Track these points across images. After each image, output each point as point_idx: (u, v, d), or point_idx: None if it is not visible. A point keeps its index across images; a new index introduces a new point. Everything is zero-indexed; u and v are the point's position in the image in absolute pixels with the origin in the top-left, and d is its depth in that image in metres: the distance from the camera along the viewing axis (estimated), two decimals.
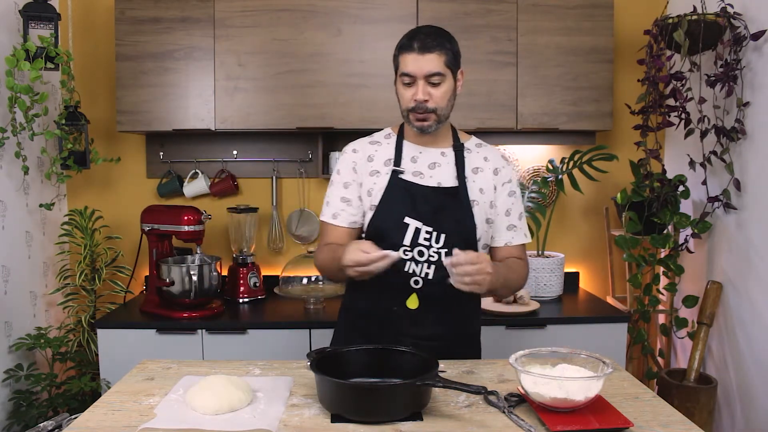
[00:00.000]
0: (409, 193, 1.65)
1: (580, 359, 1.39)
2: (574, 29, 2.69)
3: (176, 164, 2.98)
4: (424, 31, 1.62)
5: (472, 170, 1.70)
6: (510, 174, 1.74)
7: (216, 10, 2.62)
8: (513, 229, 1.73)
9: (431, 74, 1.58)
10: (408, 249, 1.63)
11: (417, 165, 1.69)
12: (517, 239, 1.74)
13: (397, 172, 1.67)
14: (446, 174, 1.69)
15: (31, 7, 2.49)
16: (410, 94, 1.61)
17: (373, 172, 1.70)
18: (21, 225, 2.59)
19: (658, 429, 1.24)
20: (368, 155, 1.73)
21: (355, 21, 2.64)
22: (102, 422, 1.28)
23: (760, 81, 2.35)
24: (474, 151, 1.74)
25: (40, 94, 2.45)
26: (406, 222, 1.63)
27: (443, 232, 1.63)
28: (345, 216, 1.72)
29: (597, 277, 3.12)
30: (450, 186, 1.67)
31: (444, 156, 1.71)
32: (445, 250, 1.63)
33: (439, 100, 1.62)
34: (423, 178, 1.68)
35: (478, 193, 1.68)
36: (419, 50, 1.58)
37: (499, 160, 1.74)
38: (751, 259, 2.41)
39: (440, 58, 1.59)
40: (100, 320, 2.48)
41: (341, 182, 1.73)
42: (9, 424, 2.40)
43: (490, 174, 1.71)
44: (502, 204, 1.72)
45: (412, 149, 1.72)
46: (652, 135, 2.69)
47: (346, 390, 1.29)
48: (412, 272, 1.64)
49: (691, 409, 2.44)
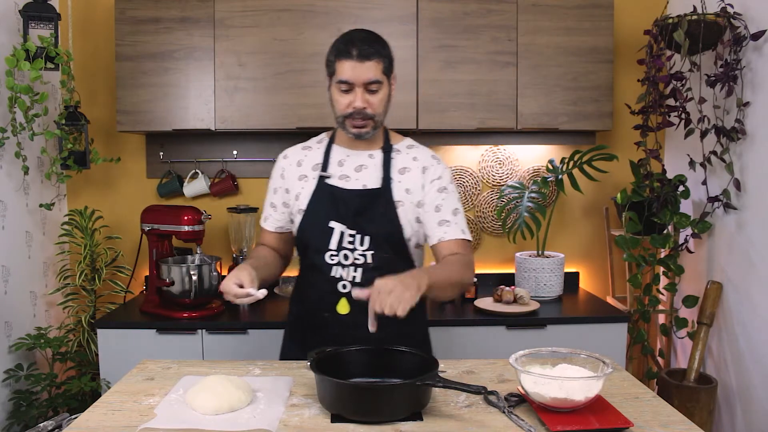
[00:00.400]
0: (333, 197, 1.66)
1: (580, 359, 1.39)
2: (574, 29, 2.69)
3: (176, 164, 2.98)
4: (360, 37, 1.60)
5: (398, 171, 1.69)
6: (440, 171, 1.71)
7: (216, 10, 2.62)
8: (445, 224, 1.67)
9: (370, 82, 1.58)
10: (334, 253, 1.64)
11: (344, 168, 1.70)
12: (451, 234, 1.66)
13: (323, 176, 1.69)
14: (372, 176, 1.68)
15: (31, 7, 2.49)
16: (347, 101, 1.61)
17: (302, 177, 1.72)
18: (21, 225, 2.59)
19: (658, 429, 1.24)
20: (298, 160, 1.75)
21: (355, 21, 2.64)
22: (102, 422, 1.28)
23: (760, 81, 2.35)
24: (403, 152, 1.73)
25: (40, 94, 2.45)
26: (330, 226, 1.64)
27: (367, 234, 1.63)
28: (272, 221, 1.79)
29: (597, 277, 3.12)
30: (373, 188, 1.66)
31: (372, 158, 1.71)
32: (371, 251, 1.63)
33: (377, 106, 1.62)
34: (349, 182, 1.68)
35: (404, 194, 1.67)
36: (358, 58, 1.56)
37: (428, 160, 1.72)
38: (751, 259, 2.41)
39: (378, 66, 1.59)
40: (100, 320, 2.47)
41: (271, 188, 1.79)
42: (9, 424, 2.40)
43: (418, 173, 1.69)
44: (431, 201, 1.68)
45: (340, 153, 1.72)
46: (652, 135, 2.70)
47: (346, 390, 1.29)
48: (339, 276, 1.64)
49: (691, 409, 2.44)
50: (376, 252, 1.64)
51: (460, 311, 2.62)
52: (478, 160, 3.05)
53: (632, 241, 2.67)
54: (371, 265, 1.64)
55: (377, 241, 1.64)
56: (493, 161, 3.05)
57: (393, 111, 2.66)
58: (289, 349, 1.81)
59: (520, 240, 2.93)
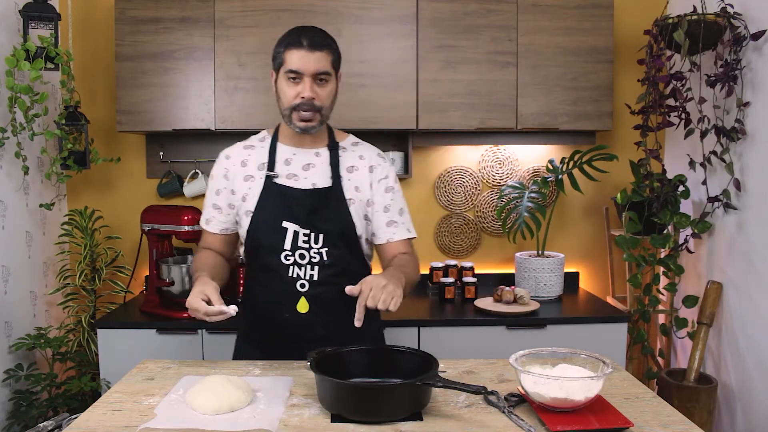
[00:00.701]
0: (284, 197, 1.65)
1: (580, 359, 1.39)
2: (574, 29, 2.69)
3: (176, 164, 2.98)
4: (310, 29, 1.61)
5: (347, 169, 1.69)
6: (386, 171, 1.73)
7: (216, 10, 2.62)
8: (393, 225, 1.70)
9: (319, 72, 1.58)
10: (289, 253, 1.64)
11: (291, 167, 1.68)
12: (399, 234, 1.71)
13: (270, 176, 1.67)
14: (321, 174, 1.68)
15: (31, 7, 2.49)
16: (295, 91, 1.59)
17: (248, 177, 1.69)
18: (21, 225, 2.59)
19: (658, 429, 1.24)
20: (242, 160, 1.72)
21: (355, 21, 2.64)
22: (102, 422, 1.28)
23: (760, 81, 2.35)
24: (349, 150, 1.73)
25: (40, 94, 2.45)
26: (284, 226, 1.63)
27: (321, 233, 1.63)
28: (216, 223, 1.75)
29: (597, 277, 3.12)
30: (324, 186, 1.66)
31: (318, 156, 1.70)
32: (325, 249, 1.63)
33: (324, 99, 1.62)
34: (298, 180, 1.67)
35: (354, 191, 1.67)
36: (309, 47, 1.57)
37: (374, 158, 1.73)
38: (751, 259, 2.41)
39: (327, 57, 1.60)
40: (100, 320, 2.47)
41: (214, 189, 1.74)
42: (9, 424, 2.40)
43: (365, 172, 1.70)
44: (379, 201, 1.70)
45: (286, 151, 1.71)
46: (652, 135, 2.70)
47: (346, 390, 1.29)
48: (296, 276, 1.64)
49: (691, 409, 2.44)
50: (330, 249, 1.64)
51: (460, 311, 2.62)
52: (478, 160, 3.05)
53: (632, 241, 2.67)
54: (327, 263, 1.64)
55: (331, 238, 1.64)
56: (493, 161, 3.05)
57: (393, 111, 2.70)
58: (245, 350, 1.77)
59: (520, 240, 2.94)
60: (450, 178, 3.04)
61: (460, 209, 3.07)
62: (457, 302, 2.76)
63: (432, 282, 2.89)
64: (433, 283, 2.88)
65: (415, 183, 3.04)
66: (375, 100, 2.66)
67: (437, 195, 3.05)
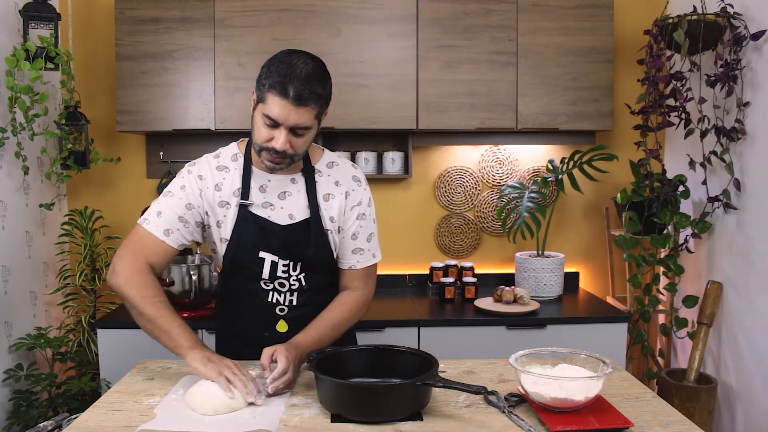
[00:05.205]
0: (260, 228, 1.58)
1: (580, 359, 1.39)
2: (574, 29, 2.69)
3: (176, 164, 2.98)
4: (303, 74, 1.44)
5: (323, 197, 1.62)
6: (360, 196, 1.66)
7: (216, 10, 2.62)
8: (359, 252, 1.68)
9: (299, 127, 1.46)
10: (268, 281, 1.62)
11: (266, 195, 1.60)
12: (363, 262, 1.68)
13: (245, 205, 1.59)
14: (297, 204, 1.61)
15: (31, 7, 2.49)
16: (268, 135, 1.47)
17: (223, 203, 1.60)
18: (21, 225, 2.59)
19: (658, 429, 1.24)
20: (216, 184, 1.60)
21: (355, 21, 2.64)
22: (102, 422, 1.28)
23: (760, 81, 2.35)
24: (325, 174, 1.64)
25: (40, 94, 2.45)
26: (261, 257, 1.60)
27: (299, 261, 1.62)
28: (178, 236, 1.60)
29: (597, 277, 3.12)
30: (302, 219, 1.61)
31: (294, 183, 1.62)
32: (303, 275, 1.63)
33: (299, 147, 1.50)
34: (274, 210, 1.60)
35: (330, 222, 1.63)
36: (293, 101, 1.42)
37: (349, 183, 1.65)
38: (751, 259, 2.41)
39: (311, 111, 1.46)
40: (100, 320, 2.47)
41: (184, 202, 1.59)
42: (9, 424, 2.40)
43: (341, 199, 1.64)
44: (349, 228, 1.65)
45: (261, 177, 1.61)
46: (652, 135, 2.70)
47: (346, 390, 1.29)
48: (275, 301, 1.64)
49: (691, 409, 2.44)
50: (308, 275, 1.64)
51: (460, 311, 2.62)
52: (478, 160, 3.05)
53: (632, 241, 2.67)
54: (305, 287, 1.65)
55: (309, 266, 1.63)
56: (493, 161, 3.05)
57: (393, 111, 2.70)
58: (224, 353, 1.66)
59: (520, 240, 2.93)
60: (450, 178, 3.04)
61: (460, 209, 3.07)
62: (457, 302, 2.76)
63: (432, 282, 2.89)
64: (433, 283, 2.88)
65: (415, 183, 3.04)
66: (375, 100, 2.66)
67: (437, 195, 3.05)
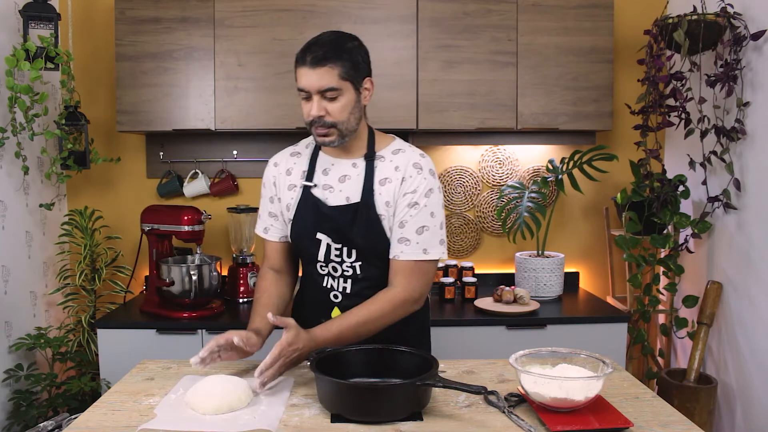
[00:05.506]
0: (318, 209, 1.62)
1: (580, 359, 1.39)
2: (574, 29, 2.69)
3: (176, 164, 2.98)
4: (321, 41, 1.53)
5: (380, 182, 1.61)
6: (417, 184, 1.59)
7: (216, 10, 2.62)
8: (404, 242, 1.59)
9: (324, 89, 1.50)
10: (323, 264, 1.64)
11: (328, 178, 1.65)
12: (407, 254, 1.58)
13: (308, 186, 1.64)
14: (354, 187, 1.62)
15: (31, 7, 2.49)
16: (307, 109, 1.55)
17: (291, 186, 1.68)
18: (21, 225, 2.59)
19: (658, 429, 1.24)
20: (287, 168, 1.70)
21: (355, 21, 2.64)
22: (102, 422, 1.28)
23: (760, 81, 2.35)
24: (387, 160, 1.63)
25: (40, 94, 2.45)
26: (318, 238, 1.63)
27: (354, 248, 1.62)
28: (275, 231, 1.73)
29: (597, 277, 3.12)
30: (355, 202, 1.60)
31: (355, 167, 1.64)
32: (359, 263, 1.62)
33: (337, 114, 1.53)
34: (332, 192, 1.63)
35: (385, 207, 1.60)
36: (311, 64, 1.50)
37: (409, 169, 1.61)
38: (751, 259, 2.41)
39: (333, 71, 1.50)
40: (100, 320, 2.48)
41: (267, 197, 1.73)
42: (9, 424, 2.40)
43: (396, 184, 1.60)
44: (398, 214, 1.60)
45: (326, 161, 1.67)
46: (652, 135, 2.70)
47: (346, 390, 1.29)
48: (330, 287, 1.65)
49: (691, 409, 2.44)
50: (364, 264, 1.63)
51: (460, 311, 2.62)
52: (478, 160, 3.05)
53: (632, 241, 2.67)
54: (360, 276, 1.64)
55: (364, 254, 1.62)
56: (493, 161, 3.05)
57: (393, 111, 2.69)
58: None
59: (520, 240, 2.93)
60: (450, 178, 3.04)
61: (460, 209, 3.07)
62: (457, 302, 2.76)
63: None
64: (433, 283, 2.88)
65: None
66: (375, 100, 2.64)
67: None
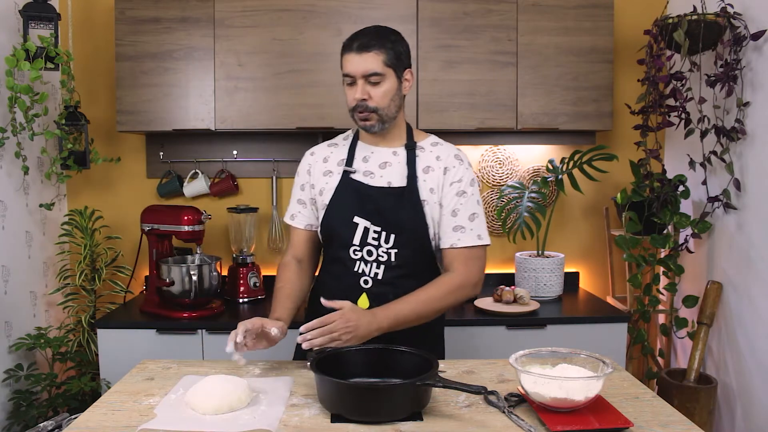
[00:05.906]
0: (358, 193, 1.67)
1: (580, 359, 1.39)
2: (574, 29, 2.69)
3: (176, 164, 2.98)
4: (367, 31, 1.64)
5: (423, 169, 1.68)
6: (461, 174, 1.68)
7: (216, 10, 2.62)
8: (460, 230, 1.65)
9: (369, 74, 1.60)
10: (357, 248, 1.65)
11: (368, 165, 1.71)
12: (464, 241, 1.65)
13: (347, 172, 1.70)
14: (396, 173, 1.68)
15: (31, 7, 2.49)
16: (352, 94, 1.64)
17: (327, 173, 1.73)
18: (21, 225, 2.59)
19: (658, 429, 1.24)
20: (324, 157, 1.76)
21: (355, 21, 2.64)
22: (102, 422, 1.28)
23: (760, 81, 2.35)
24: (427, 150, 1.72)
25: (40, 94, 2.45)
26: (355, 221, 1.65)
27: (393, 232, 1.64)
28: (301, 218, 1.78)
29: (597, 277, 3.12)
30: (399, 186, 1.66)
31: (396, 155, 1.71)
32: (395, 250, 1.64)
33: (379, 99, 1.62)
34: (373, 178, 1.68)
35: (428, 193, 1.66)
36: (357, 50, 1.60)
37: (450, 160, 1.70)
38: (751, 259, 2.41)
39: (378, 57, 1.60)
40: (100, 320, 2.48)
41: (299, 184, 1.79)
42: (9, 424, 2.40)
43: (440, 173, 1.68)
44: (448, 204, 1.66)
45: (365, 149, 1.74)
46: (652, 135, 2.70)
47: (346, 390, 1.29)
48: (361, 272, 1.66)
49: (691, 409, 2.44)
50: (400, 250, 1.64)
51: (460, 311, 2.62)
52: (478, 160, 3.05)
53: (632, 241, 2.67)
54: (394, 263, 1.65)
55: (402, 239, 1.64)
56: (493, 161, 3.05)
57: None
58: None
59: (520, 240, 2.93)
60: None
61: None
62: None
63: None
64: None
65: None
66: None
67: None
